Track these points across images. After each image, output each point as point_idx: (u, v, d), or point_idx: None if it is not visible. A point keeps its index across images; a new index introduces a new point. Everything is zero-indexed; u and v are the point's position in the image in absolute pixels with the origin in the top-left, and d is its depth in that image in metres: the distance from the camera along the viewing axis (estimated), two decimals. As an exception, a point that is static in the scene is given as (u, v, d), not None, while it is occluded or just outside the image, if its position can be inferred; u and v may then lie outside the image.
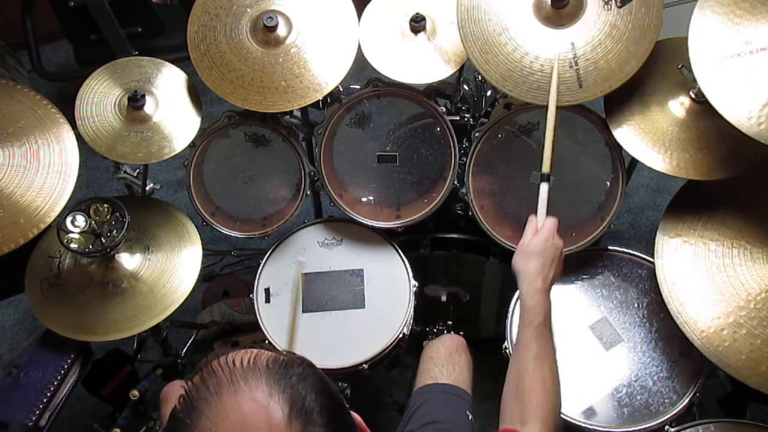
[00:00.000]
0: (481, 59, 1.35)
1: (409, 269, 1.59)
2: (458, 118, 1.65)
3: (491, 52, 1.34)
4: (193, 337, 2.02)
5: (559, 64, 1.31)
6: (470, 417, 1.30)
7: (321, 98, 1.48)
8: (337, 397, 0.70)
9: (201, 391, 0.65)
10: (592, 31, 1.31)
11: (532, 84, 1.33)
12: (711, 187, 1.36)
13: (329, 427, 0.65)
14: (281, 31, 1.47)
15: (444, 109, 1.55)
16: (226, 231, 1.64)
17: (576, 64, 1.31)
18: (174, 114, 1.55)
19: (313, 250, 1.65)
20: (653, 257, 1.40)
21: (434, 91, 1.56)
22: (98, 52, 2.15)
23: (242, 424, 0.62)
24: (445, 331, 1.82)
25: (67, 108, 1.49)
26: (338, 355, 1.48)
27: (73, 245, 1.37)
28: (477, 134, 1.51)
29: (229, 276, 2.27)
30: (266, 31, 1.46)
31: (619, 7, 1.30)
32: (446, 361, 1.42)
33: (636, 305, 1.50)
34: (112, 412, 1.74)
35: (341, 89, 1.59)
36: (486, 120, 1.53)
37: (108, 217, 1.41)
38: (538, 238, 1.16)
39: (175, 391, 1.39)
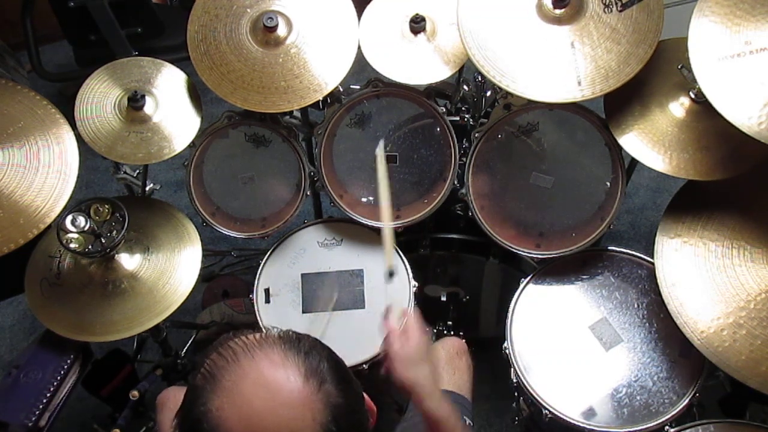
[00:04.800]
0: (480, 55, 1.34)
1: (409, 269, 1.59)
2: (458, 118, 1.65)
3: (489, 48, 1.34)
4: (192, 338, 2.02)
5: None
6: (468, 422, 1.29)
7: (321, 98, 1.48)
8: (345, 367, 0.75)
9: (219, 362, 0.69)
10: (592, 33, 1.31)
11: (529, 82, 1.33)
12: (711, 187, 1.36)
13: (341, 386, 0.70)
14: (281, 31, 1.47)
15: (444, 110, 1.55)
16: (226, 231, 1.64)
17: (575, 61, 1.30)
18: (174, 114, 1.54)
19: (313, 251, 1.65)
20: (653, 257, 1.40)
21: (434, 91, 1.56)
22: (98, 52, 2.15)
23: (261, 382, 0.66)
24: (445, 332, 1.82)
25: (67, 108, 1.49)
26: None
27: (72, 245, 1.37)
28: (477, 135, 1.51)
29: (229, 276, 2.27)
30: (266, 31, 1.46)
31: (620, 11, 1.30)
32: (446, 365, 1.41)
33: (636, 305, 1.50)
34: (111, 413, 1.74)
35: (341, 89, 1.59)
36: (486, 120, 1.53)
37: (108, 217, 1.41)
38: (412, 342, 1.03)
39: (171, 397, 1.39)
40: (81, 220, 1.38)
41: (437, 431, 1.02)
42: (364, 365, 1.48)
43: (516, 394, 1.55)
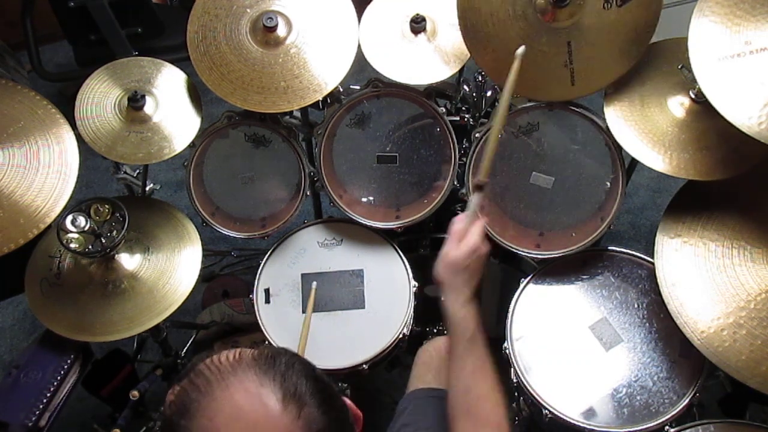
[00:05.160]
0: (479, 54, 1.34)
1: (409, 269, 1.59)
2: (458, 118, 1.65)
3: (489, 47, 1.34)
4: (193, 338, 2.02)
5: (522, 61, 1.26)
6: None
7: (321, 98, 1.48)
8: (326, 381, 0.71)
9: (191, 393, 0.65)
10: (590, 31, 1.31)
11: (528, 82, 1.33)
12: (711, 187, 1.36)
13: (323, 407, 0.66)
14: (281, 31, 1.47)
15: (444, 110, 1.55)
16: (226, 231, 1.64)
17: (570, 63, 1.31)
18: (174, 114, 1.55)
19: (313, 251, 1.65)
20: (653, 257, 1.40)
21: (434, 91, 1.56)
22: (98, 52, 2.15)
23: (238, 415, 0.63)
24: (445, 332, 1.82)
25: (67, 108, 1.49)
26: (338, 355, 1.48)
27: (73, 245, 1.37)
28: (477, 135, 1.51)
29: (229, 276, 2.27)
30: (266, 31, 1.46)
31: (620, 6, 1.30)
32: (440, 366, 1.39)
33: (636, 305, 1.50)
34: (111, 413, 1.74)
35: (341, 89, 1.59)
36: (486, 120, 1.53)
37: (108, 217, 1.41)
38: (464, 250, 1.09)
39: None
40: (81, 220, 1.38)
41: (454, 332, 1.08)
42: (364, 365, 1.48)
43: (516, 394, 1.55)
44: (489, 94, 1.77)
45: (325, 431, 0.66)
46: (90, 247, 1.39)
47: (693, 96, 1.36)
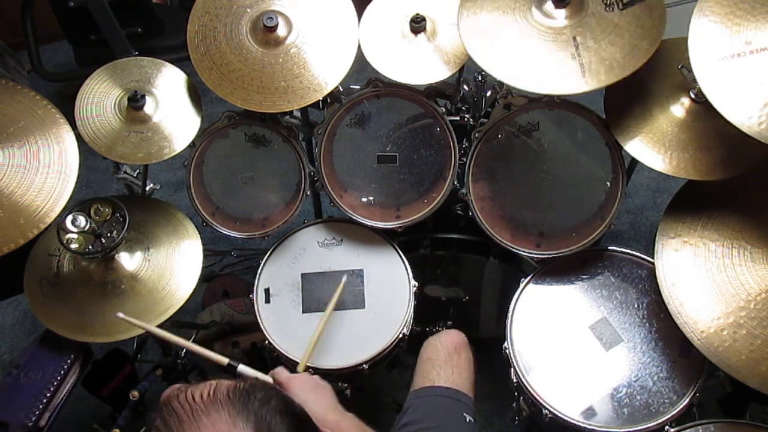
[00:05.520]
0: (480, 51, 1.34)
1: (409, 269, 1.59)
2: (458, 118, 1.65)
3: (490, 45, 1.34)
4: (192, 338, 2.02)
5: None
6: (468, 419, 1.26)
7: (321, 98, 1.48)
8: (303, 416, 0.70)
9: None
10: (595, 28, 1.31)
11: (529, 79, 1.32)
12: (711, 187, 1.36)
13: None
14: (281, 31, 1.47)
15: (444, 110, 1.55)
16: (226, 231, 1.64)
17: (579, 55, 1.30)
18: (174, 114, 1.55)
19: (313, 251, 1.65)
20: (653, 257, 1.40)
21: (434, 91, 1.57)
22: (98, 52, 2.16)
23: None
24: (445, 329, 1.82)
25: (67, 108, 1.49)
26: (338, 355, 1.48)
27: (73, 245, 1.37)
28: (477, 135, 1.51)
29: (229, 276, 2.27)
30: (266, 31, 1.46)
31: (622, 10, 1.30)
32: (445, 363, 1.37)
33: (636, 305, 1.50)
34: (111, 413, 1.74)
35: (341, 89, 1.59)
36: (486, 120, 1.53)
37: (108, 217, 1.41)
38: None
39: None
40: (81, 220, 1.38)
41: None
42: (364, 365, 1.48)
43: (516, 394, 1.55)
44: (489, 93, 1.77)
45: None
46: (90, 247, 1.39)
47: (693, 96, 1.36)
